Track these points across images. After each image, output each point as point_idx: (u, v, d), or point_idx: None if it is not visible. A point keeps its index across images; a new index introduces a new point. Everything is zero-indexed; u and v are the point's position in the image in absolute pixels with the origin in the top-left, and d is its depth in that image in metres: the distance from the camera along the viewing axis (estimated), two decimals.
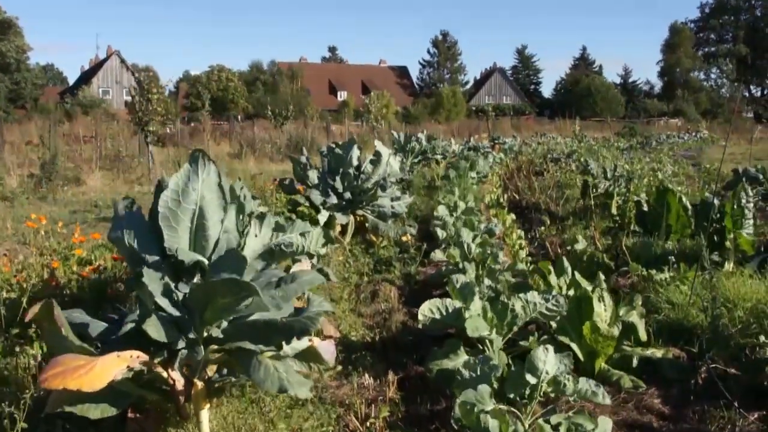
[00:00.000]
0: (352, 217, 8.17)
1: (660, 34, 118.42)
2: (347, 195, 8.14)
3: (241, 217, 3.58)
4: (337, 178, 8.20)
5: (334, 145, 8.56)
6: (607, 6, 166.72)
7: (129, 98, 39.02)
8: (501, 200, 11.84)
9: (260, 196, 10.79)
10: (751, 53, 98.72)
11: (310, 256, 4.24)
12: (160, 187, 3.22)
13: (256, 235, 3.21)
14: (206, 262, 2.97)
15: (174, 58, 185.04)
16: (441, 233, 7.54)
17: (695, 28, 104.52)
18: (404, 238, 8.19)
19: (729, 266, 6.78)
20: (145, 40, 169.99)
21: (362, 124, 44.08)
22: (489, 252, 6.33)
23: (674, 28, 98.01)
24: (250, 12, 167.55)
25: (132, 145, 24.14)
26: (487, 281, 4.96)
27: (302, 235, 3.76)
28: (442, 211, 8.64)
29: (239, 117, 51.78)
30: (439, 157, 17.77)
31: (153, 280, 2.81)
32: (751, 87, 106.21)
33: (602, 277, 4.95)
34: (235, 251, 2.85)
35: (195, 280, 2.96)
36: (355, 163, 8.28)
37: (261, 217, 3.25)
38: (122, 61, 78.47)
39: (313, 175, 8.22)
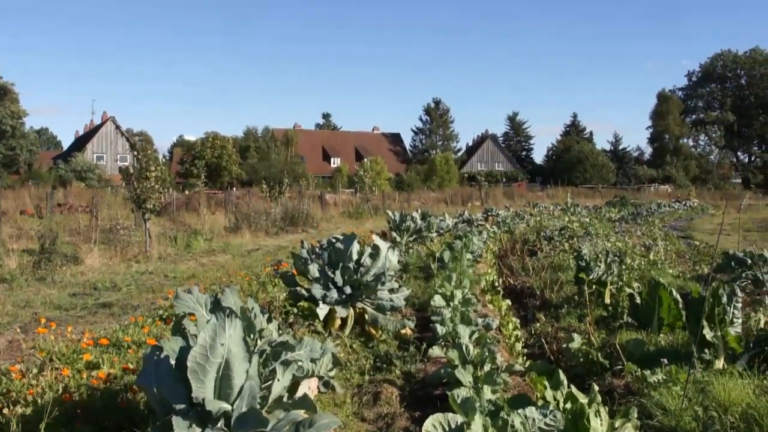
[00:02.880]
0: (351, 310, 8.34)
1: (649, 102, 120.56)
2: (347, 289, 8.31)
3: (252, 335, 3.77)
4: (337, 272, 8.38)
5: (334, 240, 8.77)
6: (596, 73, 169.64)
7: (124, 164, 39.04)
8: (496, 284, 12.04)
9: (259, 282, 11.01)
10: (738, 120, 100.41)
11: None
12: (179, 326, 3.42)
13: (278, 380, 3.40)
14: (231, 408, 3.15)
15: (169, 122, 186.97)
16: (440, 329, 7.71)
17: (683, 95, 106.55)
18: (403, 332, 8.35)
19: (719, 364, 6.97)
20: (141, 105, 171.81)
21: (355, 192, 44.59)
22: (487, 353, 6.50)
23: (662, 95, 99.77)
24: (245, 78, 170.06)
25: (127, 213, 24.34)
26: (487, 393, 5.11)
27: (312, 361, 3.94)
28: (439, 301, 8.85)
29: (234, 188, 52.10)
30: (434, 234, 18.03)
31: (182, 429, 2.98)
32: (739, 153, 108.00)
33: (596, 388, 5.10)
34: (259, 413, 3.02)
35: (219, 425, 3.13)
36: (354, 257, 8.48)
37: (286, 363, 3.43)
38: (117, 127, 79.40)
39: (314, 269, 8.41)
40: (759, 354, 7.00)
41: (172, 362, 3.23)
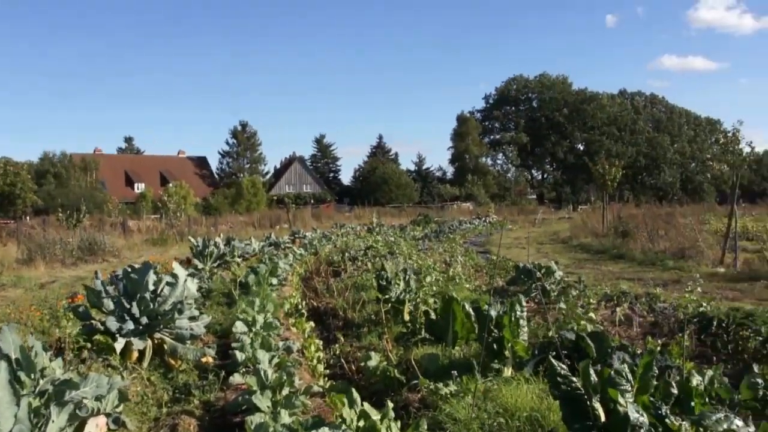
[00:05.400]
0: (149, 341, 8.12)
1: (450, 123, 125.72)
2: (144, 319, 8.10)
3: (32, 375, 3.63)
4: (134, 303, 8.15)
5: (129, 269, 8.53)
6: (400, 95, 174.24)
7: None
8: (300, 306, 12.11)
9: (52, 317, 10.47)
10: (531, 140, 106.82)
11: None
12: None
13: (53, 421, 3.29)
14: None
15: None
16: (240, 356, 7.68)
17: (481, 117, 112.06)
18: (204, 360, 8.25)
19: (508, 372, 7.40)
20: None
21: (161, 218, 43.47)
22: (285, 376, 6.56)
23: (462, 117, 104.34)
24: (41, 99, 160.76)
25: None
26: (284, 417, 5.16)
27: (98, 398, 3.84)
28: (240, 327, 8.80)
29: (28, 217, 49.22)
30: (238, 259, 17.90)
31: None
32: (533, 171, 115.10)
33: (390, 404, 5.27)
34: None
35: None
36: (151, 287, 8.29)
37: (61, 403, 3.32)
38: None
39: (108, 302, 8.14)
40: (543, 360, 7.49)
41: None
